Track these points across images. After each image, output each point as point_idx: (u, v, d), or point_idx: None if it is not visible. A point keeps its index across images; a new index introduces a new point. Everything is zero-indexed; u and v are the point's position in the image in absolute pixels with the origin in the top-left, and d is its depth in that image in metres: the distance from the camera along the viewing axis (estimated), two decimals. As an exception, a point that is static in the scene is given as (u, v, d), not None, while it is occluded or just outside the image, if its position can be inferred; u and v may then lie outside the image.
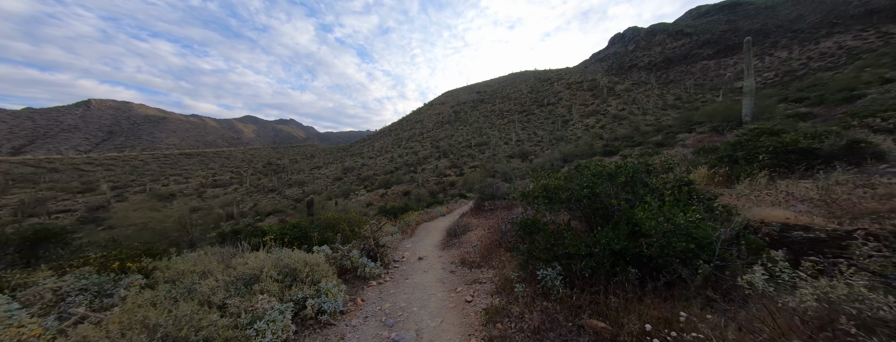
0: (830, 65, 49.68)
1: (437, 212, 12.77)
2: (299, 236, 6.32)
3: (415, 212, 12.06)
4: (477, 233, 7.23)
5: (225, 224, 22.96)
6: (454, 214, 12.35)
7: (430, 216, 11.86)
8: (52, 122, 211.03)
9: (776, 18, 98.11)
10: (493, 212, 9.36)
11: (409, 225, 9.80)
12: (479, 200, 11.68)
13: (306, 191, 35.63)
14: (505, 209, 9.31)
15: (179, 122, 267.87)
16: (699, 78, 78.26)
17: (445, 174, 33.20)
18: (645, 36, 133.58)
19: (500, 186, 11.95)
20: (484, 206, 10.54)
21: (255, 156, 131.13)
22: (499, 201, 10.45)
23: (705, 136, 11.65)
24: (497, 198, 11.03)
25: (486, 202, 10.53)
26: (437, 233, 8.72)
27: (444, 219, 11.25)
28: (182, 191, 51.78)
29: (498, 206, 9.95)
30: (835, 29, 66.03)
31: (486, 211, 10.06)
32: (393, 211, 13.26)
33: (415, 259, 6.21)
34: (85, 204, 43.63)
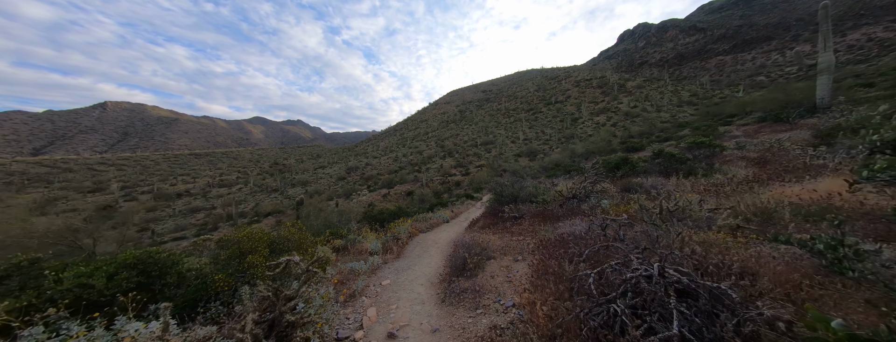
0: (860, 57, 46.68)
1: (440, 217, 10.16)
2: (142, 282, 3.56)
3: (409, 219, 9.39)
4: (503, 267, 4.35)
5: (223, 224, 22.34)
6: (460, 220, 9.97)
7: (429, 223, 9.19)
8: (71, 124, 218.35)
9: (795, 12, 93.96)
10: (518, 223, 6.80)
11: (398, 238, 7.31)
12: (495, 204, 9.02)
13: (309, 190, 35.05)
14: (538, 218, 6.61)
15: (191, 123, 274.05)
16: (715, 74, 75.18)
17: (450, 174, 32.14)
18: (656, 32, 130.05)
19: (524, 185, 9.13)
20: (502, 213, 7.87)
21: (262, 156, 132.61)
22: (524, 206, 7.86)
23: (762, 125, 10.03)
24: (520, 200, 8.41)
25: (506, 206, 7.90)
26: (437, 253, 6.28)
27: (448, 229, 8.70)
28: (189, 190, 52.05)
29: (524, 213, 7.32)
30: (862, 20, 62.42)
31: (507, 220, 7.38)
32: (380, 217, 10.40)
33: (380, 336, 3.00)
34: (94, 203, 44.07)
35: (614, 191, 7.31)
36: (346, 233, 7.60)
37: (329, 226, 9.38)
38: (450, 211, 11.59)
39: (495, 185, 9.83)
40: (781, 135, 9.39)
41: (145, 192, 50.36)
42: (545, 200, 7.82)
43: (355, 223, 10.68)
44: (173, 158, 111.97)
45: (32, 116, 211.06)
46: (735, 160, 7.77)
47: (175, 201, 40.83)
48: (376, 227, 9.05)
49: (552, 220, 6.29)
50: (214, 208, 29.61)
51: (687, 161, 7.71)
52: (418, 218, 9.93)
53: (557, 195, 7.68)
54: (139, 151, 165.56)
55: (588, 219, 5.38)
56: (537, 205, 7.82)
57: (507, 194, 8.78)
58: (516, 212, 7.50)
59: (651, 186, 6.88)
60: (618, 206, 6.09)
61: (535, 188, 8.73)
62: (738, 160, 7.71)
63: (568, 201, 7.20)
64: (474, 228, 7.83)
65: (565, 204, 7.14)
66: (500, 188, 9.30)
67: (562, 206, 7.03)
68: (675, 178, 7.16)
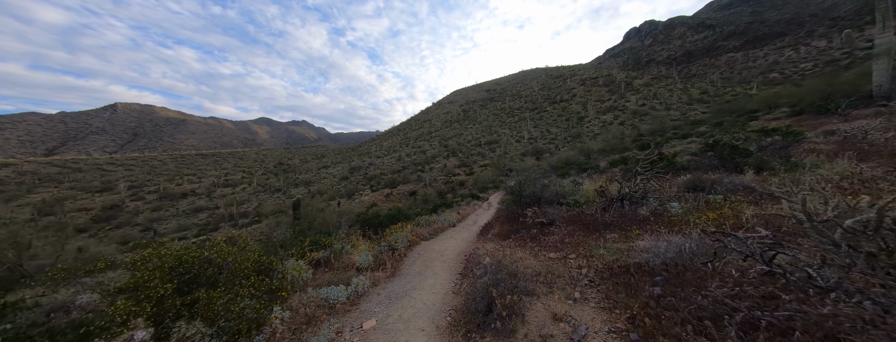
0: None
1: (445, 220, 8.77)
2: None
3: (409, 224, 8.03)
4: (555, 314, 2.66)
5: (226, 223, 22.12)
6: (468, 224, 8.81)
7: (433, 228, 7.91)
8: (82, 125, 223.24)
9: (807, 7, 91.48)
10: (548, 232, 5.27)
11: (394, 248, 5.97)
12: (512, 206, 7.65)
13: (312, 190, 34.81)
14: (576, 226, 5.14)
15: (198, 124, 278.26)
16: (725, 71, 73.37)
17: (454, 173, 31.59)
18: (663, 29, 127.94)
19: (548, 183, 7.70)
20: (524, 217, 6.40)
21: (267, 156, 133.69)
22: (552, 208, 6.39)
23: (799, 119, 9.09)
24: (545, 201, 7.00)
25: (528, 209, 6.52)
26: (444, 270, 4.83)
27: (455, 234, 7.46)
28: (194, 190, 52.37)
29: (555, 218, 5.84)
30: (881, 14, 60.08)
31: (532, 227, 5.84)
32: (376, 220, 8.80)
33: None
34: (101, 203, 44.51)
35: (673, 191, 5.84)
36: (331, 242, 6.16)
37: (326, 229, 8.43)
38: (456, 213, 10.34)
39: (518, 184, 8.23)
40: (844, 125, 7.87)
41: (152, 192, 50.79)
42: (577, 202, 6.43)
43: (347, 227, 9.08)
44: (180, 158, 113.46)
45: (46, 118, 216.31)
46: (820, 151, 6.18)
47: (180, 201, 41.01)
48: (370, 234, 7.70)
49: (598, 230, 4.80)
50: (217, 208, 29.53)
51: (752, 153, 6.47)
52: (420, 221, 8.58)
53: (596, 196, 6.24)
54: (147, 152, 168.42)
55: (673, 232, 3.85)
56: (568, 208, 6.32)
57: (528, 194, 7.30)
58: (543, 216, 5.96)
59: (728, 184, 5.36)
60: (697, 212, 4.46)
61: (561, 187, 7.31)
62: (826, 150, 6.08)
63: (613, 204, 5.70)
64: (489, 236, 6.38)
65: (611, 207, 5.66)
66: (518, 187, 7.83)
67: (606, 210, 5.58)
68: (749, 174, 5.70)
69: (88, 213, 38.48)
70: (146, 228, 25.09)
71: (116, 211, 38.30)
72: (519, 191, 7.77)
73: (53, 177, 69.97)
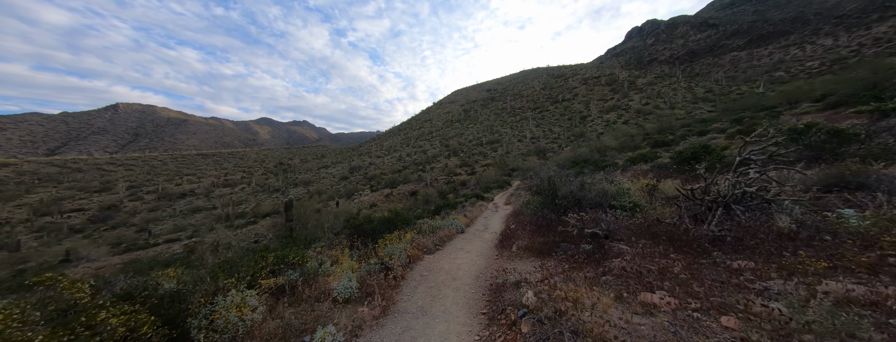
0: (890, 50, 44.10)
1: (452, 225, 7.52)
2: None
3: (409, 233, 6.51)
4: None
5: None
6: (477, 229, 7.69)
7: (438, 237, 6.60)
8: (84, 125, 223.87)
9: (811, 6, 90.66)
10: (609, 252, 3.77)
11: (389, 268, 4.55)
12: (543, 209, 6.17)
13: (311, 190, 34.31)
14: (667, 246, 3.59)
15: (199, 124, 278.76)
16: (729, 70, 72.60)
17: (456, 173, 31.02)
18: (665, 28, 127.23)
19: (593, 183, 6.11)
20: (565, 226, 4.84)
21: (267, 156, 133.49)
22: (603, 214, 4.90)
23: (835, 112, 8.40)
24: (589, 205, 5.56)
25: (570, 214, 4.97)
26: (457, 304, 3.49)
27: (465, 244, 6.22)
28: (193, 190, 51.96)
29: (616, 230, 4.32)
30: (889, 12, 59.36)
31: (576, 240, 4.46)
32: (369, 227, 7.18)
33: None
34: (99, 203, 44.13)
35: (797, 190, 4.25)
36: (304, 258, 4.75)
37: (315, 234, 7.41)
38: (464, 216, 9.04)
39: (540, 182, 6.72)
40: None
41: (151, 192, 50.40)
42: (637, 205, 5.02)
43: (332, 235, 7.65)
44: (181, 158, 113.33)
45: (47, 118, 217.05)
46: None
47: (178, 201, 40.57)
48: (359, 245, 6.13)
49: (699, 250, 3.23)
50: (215, 208, 29.04)
51: (863, 139, 5.20)
52: (421, 227, 7.26)
53: (685, 197, 4.45)
54: (148, 152, 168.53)
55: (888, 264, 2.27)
56: (627, 214, 4.91)
57: (564, 195, 5.78)
58: (594, 225, 4.39)
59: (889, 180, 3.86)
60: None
61: (611, 186, 5.79)
62: None
63: (713, 210, 3.96)
64: (513, 249, 4.98)
65: (711, 214, 3.92)
66: (549, 186, 6.25)
67: (698, 219, 4.03)
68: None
69: (86, 214, 38.07)
70: (141, 229, 24.61)
71: (114, 211, 37.88)
72: (551, 190, 6.14)
73: (53, 177, 69.78)
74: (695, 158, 6.44)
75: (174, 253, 12.73)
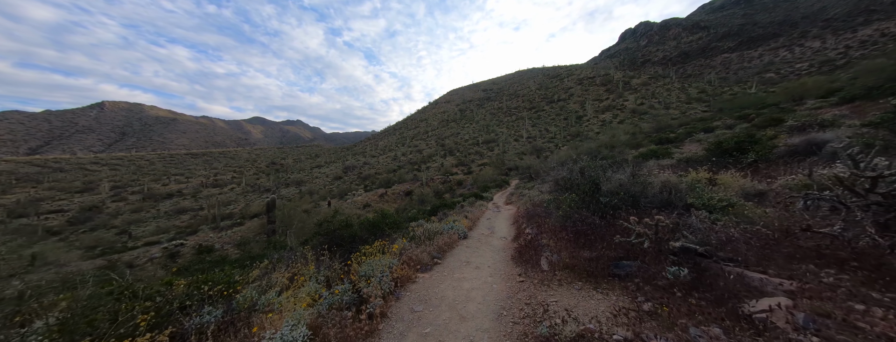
0: (876, 53, 45.13)
1: (453, 230, 6.29)
2: None
3: (396, 244, 4.98)
4: None
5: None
6: (482, 232, 6.73)
7: (436, 246, 5.30)
8: (68, 124, 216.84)
9: (798, 10, 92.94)
10: (713, 288, 2.21)
11: (364, 300, 3.08)
12: (579, 209, 4.60)
13: (303, 190, 33.38)
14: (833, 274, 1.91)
15: (189, 123, 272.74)
16: (721, 71, 73.73)
17: (452, 172, 30.51)
18: (658, 30, 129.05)
19: (648, 176, 4.98)
20: (625, 235, 3.49)
21: (259, 156, 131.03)
22: (662, 215, 3.35)
23: (854, 106, 7.95)
24: (646, 205, 4.34)
25: (619, 215, 4.15)
26: None
27: (473, 259, 4.75)
28: (181, 190, 50.36)
29: (723, 244, 2.91)
30: (873, 16, 60.96)
31: (649, 257, 2.99)
32: (348, 233, 5.75)
33: None
34: (80, 204, 42.35)
35: None
36: (233, 287, 3.32)
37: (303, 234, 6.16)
38: (466, 219, 7.94)
39: (570, 174, 5.33)
40: None
41: (136, 193, 48.65)
42: (731, 204, 3.45)
43: (298, 244, 5.88)
44: (169, 158, 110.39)
45: (29, 116, 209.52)
46: None
47: (163, 202, 39.14)
48: (327, 259, 4.50)
49: None
50: (202, 209, 27.95)
51: None
52: (414, 232, 5.92)
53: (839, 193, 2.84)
54: (135, 151, 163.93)
55: None
56: (719, 217, 3.39)
57: (611, 190, 4.57)
58: (677, 235, 3.01)
59: None
60: None
61: (668, 177, 4.54)
62: None
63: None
64: (542, 265, 3.71)
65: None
66: (586, 180, 4.95)
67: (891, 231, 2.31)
68: None
69: (65, 215, 36.43)
70: (122, 231, 23.45)
71: (95, 212, 36.34)
72: (589, 185, 4.79)
73: (32, 177, 67.00)
74: (739, 150, 5.76)
75: (152, 256, 11.89)
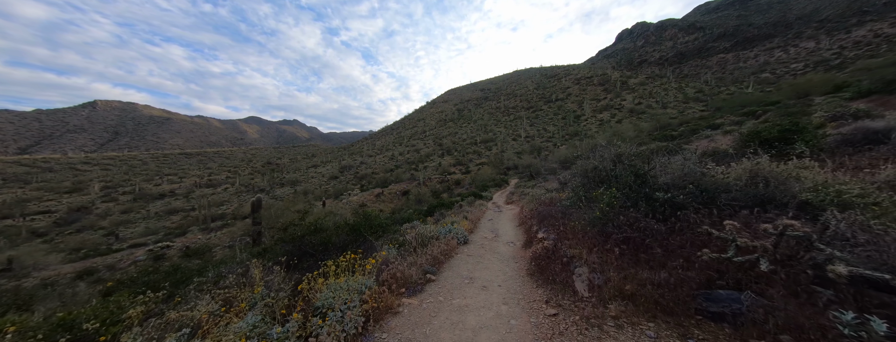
0: (870, 53, 45.53)
1: (451, 235, 5.33)
2: None
3: (373, 257, 3.63)
4: None
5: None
6: (488, 239, 5.77)
7: (430, 255, 4.25)
8: (59, 123, 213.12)
9: (791, 11, 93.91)
10: None
11: None
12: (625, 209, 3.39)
13: (298, 190, 32.79)
14: None
15: (184, 122, 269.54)
16: (717, 71, 74.15)
17: (450, 172, 30.13)
18: (655, 31, 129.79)
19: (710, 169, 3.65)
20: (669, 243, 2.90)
21: (255, 155, 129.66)
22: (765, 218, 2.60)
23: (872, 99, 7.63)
24: (726, 204, 3.16)
25: (724, 224, 2.53)
26: None
27: (479, 274, 3.76)
28: (173, 191, 49.43)
29: None
30: (866, 17, 61.61)
31: (739, 289, 1.98)
32: (319, 241, 4.47)
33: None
34: (68, 204, 41.33)
35: None
36: (115, 326, 2.39)
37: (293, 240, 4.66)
38: (463, 218, 7.12)
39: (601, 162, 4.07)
40: None
41: (127, 193, 47.64)
42: (876, 204, 2.34)
43: (236, 264, 4.29)
44: (162, 158, 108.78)
45: (19, 115, 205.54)
46: None
47: (155, 202, 38.30)
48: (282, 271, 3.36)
49: None
50: (193, 210, 27.27)
51: None
52: (405, 236, 4.93)
53: None
54: (128, 151, 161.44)
55: None
56: (872, 218, 2.09)
57: (668, 184, 3.42)
58: (872, 266, 1.79)
59: None
60: None
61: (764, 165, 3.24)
62: None
63: None
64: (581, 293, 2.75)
65: None
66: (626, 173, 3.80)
67: None
68: None
69: (52, 216, 35.48)
70: (110, 232, 22.75)
71: (83, 213, 35.44)
72: (634, 178, 3.62)
73: (20, 176, 65.47)
74: (783, 140, 4.70)
75: (136, 259, 11.35)
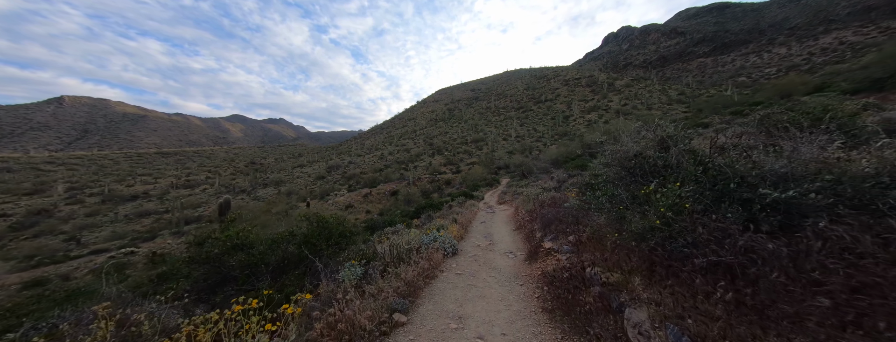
0: (836, 59, 48.37)
1: (438, 244, 4.58)
2: None
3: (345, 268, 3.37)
4: None
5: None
6: (481, 248, 5.05)
7: (405, 278, 3.38)
8: (20, 120, 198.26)
9: (764, 19, 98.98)
10: None
11: None
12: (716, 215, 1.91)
13: (282, 190, 31.50)
14: None
15: (161, 120, 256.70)
16: (697, 75, 77.10)
17: (440, 171, 29.70)
18: (639, 35, 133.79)
19: None
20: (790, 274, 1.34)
21: (238, 155, 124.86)
22: None
23: (863, 96, 7.77)
24: None
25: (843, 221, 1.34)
26: None
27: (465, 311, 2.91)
28: (147, 192, 46.65)
29: None
30: (832, 26, 65.57)
31: None
32: (249, 262, 3.83)
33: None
34: (27, 207, 38.20)
35: None
36: None
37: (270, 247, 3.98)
38: (453, 220, 6.11)
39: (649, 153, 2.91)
40: None
41: (94, 194, 44.57)
42: None
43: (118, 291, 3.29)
44: (136, 157, 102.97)
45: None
46: None
47: (125, 204, 35.93)
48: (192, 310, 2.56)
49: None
50: (167, 212, 25.63)
51: None
52: (377, 247, 4.20)
53: None
54: (98, 150, 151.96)
55: None
56: None
57: (776, 175, 2.04)
58: None
59: None
60: None
61: None
62: None
63: None
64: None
65: None
66: (691, 164, 2.53)
67: None
68: None
69: (8, 220, 32.63)
70: (71, 237, 21.00)
71: (44, 216, 32.80)
72: (709, 172, 2.41)
73: (-27, 177, 60.16)
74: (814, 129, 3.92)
75: (94, 267, 10.31)
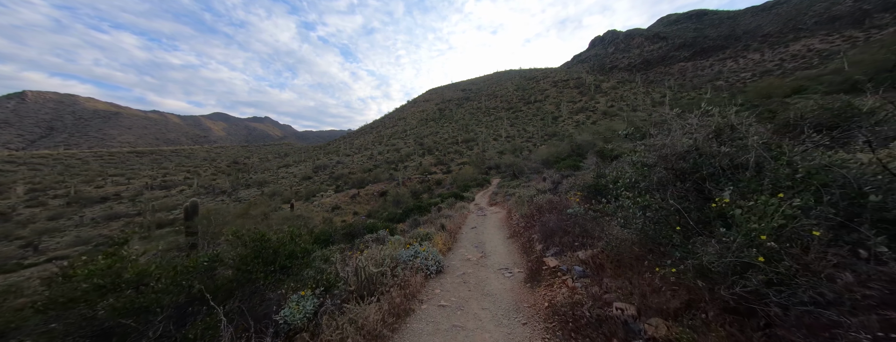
0: (805, 65, 51.28)
1: (418, 260, 4.04)
2: None
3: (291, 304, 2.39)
4: None
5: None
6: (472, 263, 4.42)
7: (368, 335, 2.39)
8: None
9: (739, 27, 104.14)
10: None
11: None
12: None
13: (265, 191, 30.26)
14: None
15: (135, 117, 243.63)
16: (678, 78, 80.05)
17: (431, 171, 29.35)
18: (624, 39, 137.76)
19: None
20: None
21: (220, 154, 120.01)
22: None
23: None
24: None
25: None
26: None
27: None
28: (118, 193, 43.91)
29: None
30: (801, 34, 69.57)
31: None
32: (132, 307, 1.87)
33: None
34: (-20, 211, 35.15)
35: None
36: None
37: None
38: (441, 226, 5.58)
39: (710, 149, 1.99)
40: None
41: (59, 196, 41.57)
42: None
43: None
44: (108, 157, 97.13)
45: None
46: None
47: (93, 207, 33.64)
48: None
49: None
50: (139, 214, 24.07)
51: None
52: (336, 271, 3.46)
53: None
54: (65, 149, 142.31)
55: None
56: None
57: None
58: None
59: None
60: None
61: None
62: None
63: None
64: None
65: None
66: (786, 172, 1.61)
67: None
68: None
69: (-44, 225, 29.88)
70: (29, 243, 19.33)
71: (2, 220, 30.22)
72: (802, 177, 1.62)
73: (-83, 178, 54.88)
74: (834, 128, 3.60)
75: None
